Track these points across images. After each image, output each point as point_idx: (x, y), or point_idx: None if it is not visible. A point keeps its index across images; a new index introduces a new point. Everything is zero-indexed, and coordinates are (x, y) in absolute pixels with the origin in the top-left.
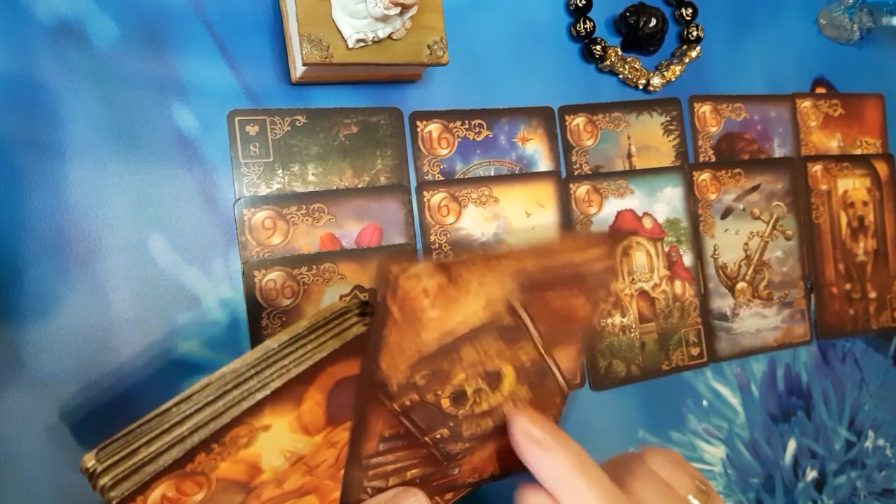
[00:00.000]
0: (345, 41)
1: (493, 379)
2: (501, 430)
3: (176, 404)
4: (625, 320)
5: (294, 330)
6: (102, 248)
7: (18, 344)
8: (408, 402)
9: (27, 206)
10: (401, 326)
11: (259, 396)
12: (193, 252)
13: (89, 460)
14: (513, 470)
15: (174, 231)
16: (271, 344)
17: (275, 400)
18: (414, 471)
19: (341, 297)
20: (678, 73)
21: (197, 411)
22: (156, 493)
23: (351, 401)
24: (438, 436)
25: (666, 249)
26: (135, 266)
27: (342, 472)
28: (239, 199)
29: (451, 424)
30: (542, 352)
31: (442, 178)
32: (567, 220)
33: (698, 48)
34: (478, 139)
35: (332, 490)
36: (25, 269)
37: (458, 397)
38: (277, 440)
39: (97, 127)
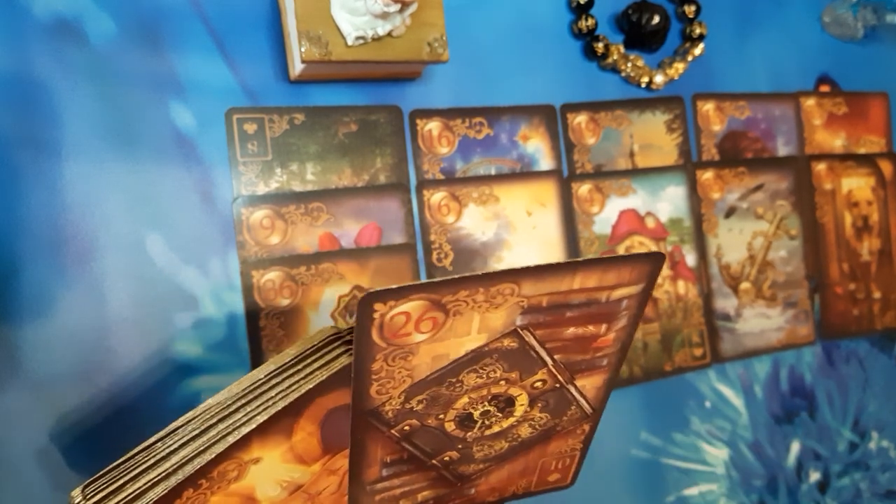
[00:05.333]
0: (344, 38)
1: (503, 403)
2: (518, 451)
3: (161, 439)
4: None
5: (281, 359)
6: (99, 248)
7: (15, 344)
8: (407, 428)
9: (24, 205)
10: (387, 354)
11: (245, 431)
12: (191, 251)
13: (77, 496)
14: (536, 489)
15: (172, 230)
16: (258, 374)
17: (262, 433)
18: (425, 493)
19: (340, 298)
20: (681, 70)
21: (182, 446)
22: None
23: (345, 429)
24: (447, 458)
25: (669, 249)
26: (132, 265)
27: (346, 499)
28: (237, 198)
29: (460, 447)
30: (561, 380)
31: (442, 177)
32: (569, 219)
33: (701, 46)
34: (478, 137)
35: None
36: (22, 268)
37: (464, 420)
38: (271, 471)
39: (94, 125)
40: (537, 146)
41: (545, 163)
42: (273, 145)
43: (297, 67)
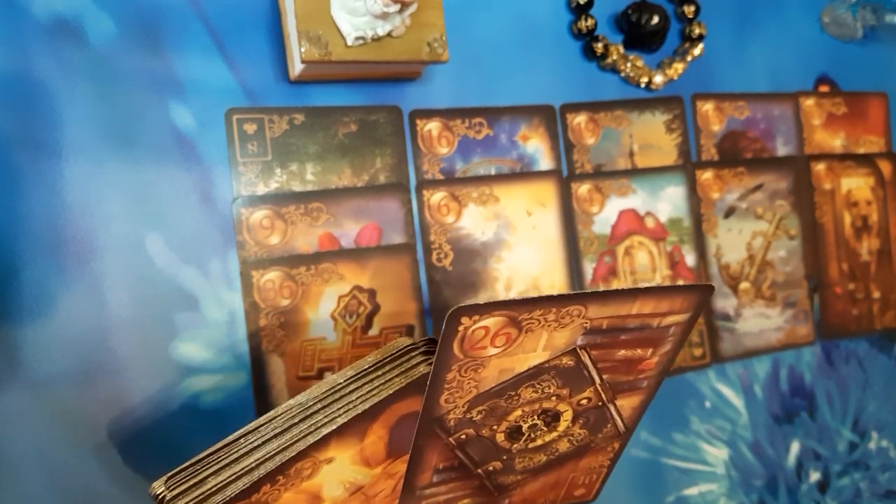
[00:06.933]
0: (343, 39)
1: (550, 418)
2: (554, 464)
3: (243, 435)
4: None
5: (360, 365)
6: (99, 248)
7: (15, 344)
8: (463, 437)
9: (24, 205)
10: (461, 365)
11: (325, 431)
12: (191, 251)
13: (158, 487)
14: (562, 502)
15: (171, 230)
16: (337, 378)
17: (340, 434)
18: (465, 501)
19: (340, 298)
20: (680, 70)
21: (264, 443)
22: None
23: (411, 435)
24: (491, 468)
25: (668, 249)
26: (132, 265)
27: (397, 502)
28: (237, 199)
29: (505, 458)
30: (604, 398)
31: (442, 177)
32: (568, 219)
33: (701, 46)
34: (478, 138)
35: None
36: (22, 268)
37: (514, 433)
38: (339, 472)
39: (94, 125)
40: (537, 146)
41: (545, 163)
42: (273, 145)
43: (296, 68)
